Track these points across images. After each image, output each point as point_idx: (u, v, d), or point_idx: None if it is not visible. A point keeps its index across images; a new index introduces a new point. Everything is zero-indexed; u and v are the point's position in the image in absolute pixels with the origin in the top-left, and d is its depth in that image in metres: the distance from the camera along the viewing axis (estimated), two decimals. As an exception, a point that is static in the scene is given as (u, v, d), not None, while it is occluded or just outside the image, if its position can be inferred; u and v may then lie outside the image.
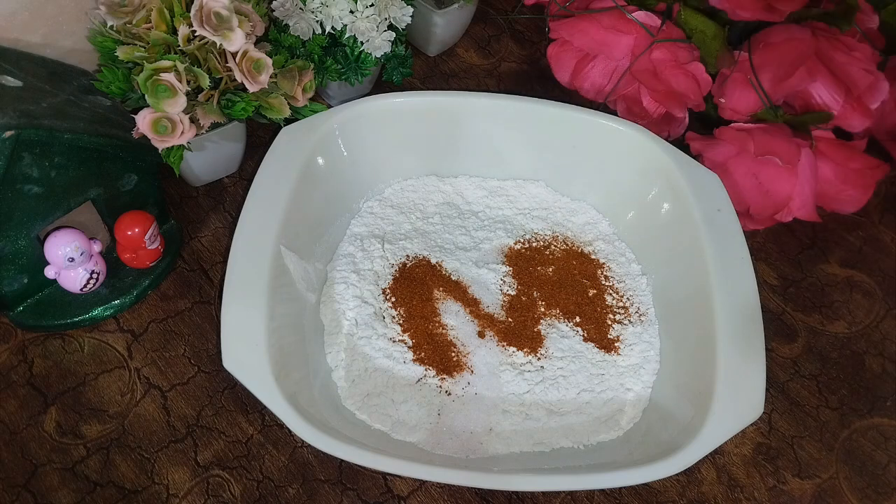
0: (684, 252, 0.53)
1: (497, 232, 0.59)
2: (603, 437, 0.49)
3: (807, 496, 0.51)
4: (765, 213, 0.59)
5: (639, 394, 0.51)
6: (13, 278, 0.51)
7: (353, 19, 0.58)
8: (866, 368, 0.58)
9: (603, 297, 0.56)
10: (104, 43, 0.50)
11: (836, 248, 0.64)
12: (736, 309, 0.48)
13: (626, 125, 0.57)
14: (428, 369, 0.51)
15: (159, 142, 0.50)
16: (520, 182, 0.62)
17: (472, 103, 0.58)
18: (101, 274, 0.53)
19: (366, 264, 0.56)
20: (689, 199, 0.53)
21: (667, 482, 0.51)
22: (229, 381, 0.52)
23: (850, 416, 0.55)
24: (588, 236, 0.60)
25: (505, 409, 0.50)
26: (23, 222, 0.48)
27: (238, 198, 0.61)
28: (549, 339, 0.53)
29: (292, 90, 0.54)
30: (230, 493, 0.48)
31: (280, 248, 0.49)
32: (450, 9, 0.68)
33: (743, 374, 0.46)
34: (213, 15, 0.48)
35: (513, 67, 0.73)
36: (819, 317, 0.60)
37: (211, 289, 0.56)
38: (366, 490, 0.49)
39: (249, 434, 0.50)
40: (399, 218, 0.59)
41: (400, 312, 0.54)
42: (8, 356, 0.52)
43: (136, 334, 0.54)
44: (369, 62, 0.60)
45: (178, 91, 0.48)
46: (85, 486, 0.48)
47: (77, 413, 0.50)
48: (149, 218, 0.53)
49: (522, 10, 0.77)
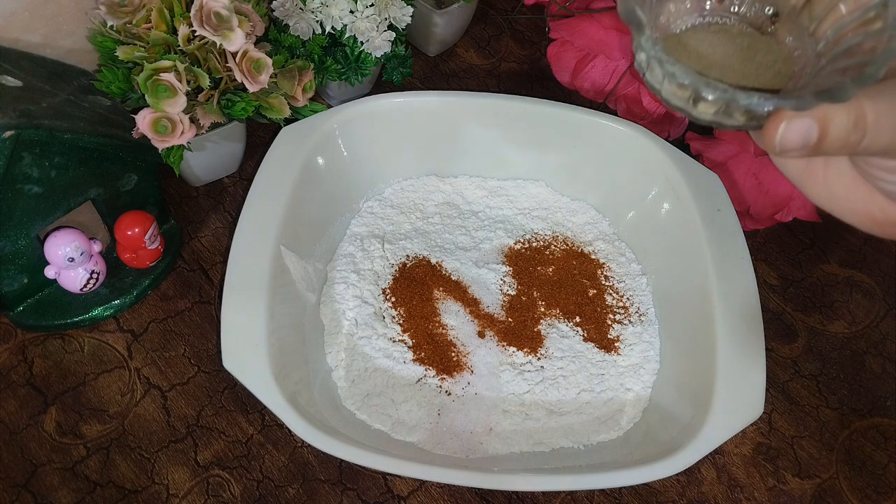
0: (684, 252, 0.53)
1: (497, 232, 0.59)
2: (603, 437, 0.49)
3: (807, 496, 0.51)
4: (765, 213, 0.59)
5: (639, 394, 0.51)
6: (13, 278, 0.51)
7: (353, 19, 0.58)
8: (866, 368, 0.58)
9: (603, 297, 0.56)
10: (104, 43, 0.50)
11: (836, 248, 0.64)
12: (736, 309, 0.48)
13: (626, 125, 0.57)
14: (428, 369, 0.51)
15: (159, 142, 0.50)
16: (520, 182, 0.62)
17: (472, 103, 0.58)
18: (101, 274, 0.53)
19: (366, 264, 0.56)
20: (689, 199, 0.53)
21: (667, 482, 0.51)
22: (229, 381, 0.52)
23: (850, 416, 0.55)
24: (588, 236, 0.60)
25: (505, 409, 0.50)
26: (23, 222, 0.48)
27: (238, 198, 0.61)
28: (549, 339, 0.53)
29: (292, 90, 0.54)
30: (230, 493, 0.48)
31: (280, 248, 0.49)
32: (450, 9, 0.67)
33: (743, 373, 0.46)
34: (213, 15, 0.48)
35: (513, 67, 0.73)
36: (819, 317, 0.60)
37: (211, 289, 0.56)
38: (366, 490, 0.49)
39: (249, 434, 0.50)
40: (399, 218, 0.59)
41: (400, 312, 0.54)
42: (8, 356, 0.52)
43: (136, 334, 0.54)
44: (369, 62, 0.60)
45: (178, 91, 0.48)
46: (85, 486, 0.48)
47: (77, 413, 0.50)
48: (149, 218, 0.53)
49: (522, 10, 0.77)
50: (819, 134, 0.24)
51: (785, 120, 0.24)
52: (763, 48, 0.28)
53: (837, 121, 0.24)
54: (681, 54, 0.27)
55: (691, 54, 0.27)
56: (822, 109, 0.24)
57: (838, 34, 0.26)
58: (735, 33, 0.28)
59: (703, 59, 0.27)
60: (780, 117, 0.24)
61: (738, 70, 0.27)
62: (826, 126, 0.24)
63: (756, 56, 0.28)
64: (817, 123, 0.24)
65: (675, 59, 0.26)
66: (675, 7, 0.28)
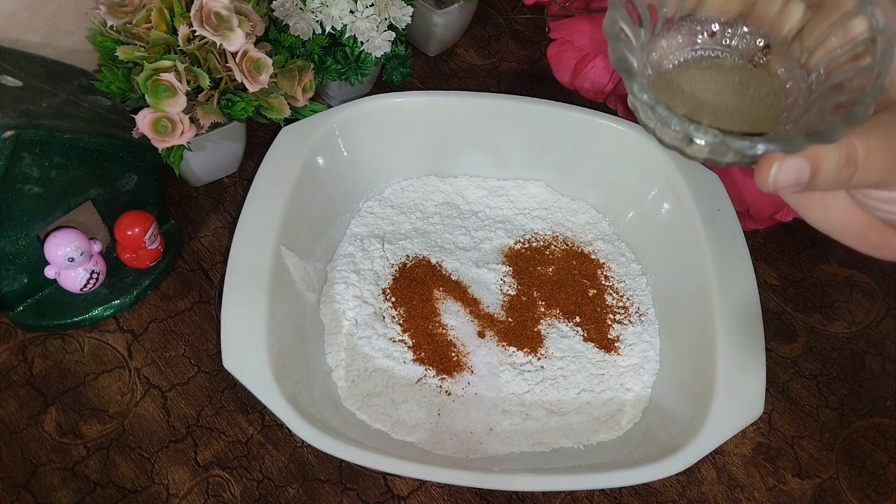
0: (684, 252, 0.53)
1: (497, 232, 0.59)
2: (603, 437, 0.49)
3: (807, 496, 0.51)
4: (765, 213, 0.59)
5: (639, 394, 0.51)
6: (13, 278, 0.51)
7: (353, 19, 0.58)
8: (866, 368, 0.58)
9: (603, 296, 0.56)
10: (104, 43, 0.50)
11: (836, 248, 0.64)
12: (736, 309, 0.48)
13: (626, 125, 0.57)
14: (428, 369, 0.51)
15: (159, 142, 0.50)
16: (520, 182, 0.62)
17: (472, 103, 0.58)
18: (101, 274, 0.53)
19: (366, 264, 0.56)
20: (689, 199, 0.53)
21: (667, 482, 0.51)
22: (229, 381, 0.52)
23: (850, 415, 0.55)
24: (588, 236, 0.60)
25: (505, 409, 0.50)
26: (23, 222, 0.48)
27: (238, 198, 0.61)
28: (549, 339, 0.53)
29: (292, 90, 0.54)
30: (230, 493, 0.48)
31: (280, 248, 0.49)
32: (450, 9, 0.67)
33: (743, 374, 0.46)
34: (213, 15, 0.48)
35: (513, 67, 0.73)
36: (819, 317, 0.60)
37: (211, 289, 0.56)
38: (366, 490, 0.49)
39: (249, 434, 0.50)
40: (399, 218, 0.59)
41: (400, 312, 0.54)
42: (8, 356, 0.52)
43: (136, 334, 0.54)
44: (369, 62, 0.60)
45: (178, 91, 0.48)
46: (85, 486, 0.48)
47: (77, 413, 0.50)
48: (149, 218, 0.53)
49: (522, 10, 0.77)
50: (811, 172, 0.25)
51: (777, 161, 0.25)
52: (755, 82, 0.28)
53: (828, 159, 0.24)
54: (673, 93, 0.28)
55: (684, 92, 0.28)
56: (813, 148, 0.24)
57: (829, 66, 0.26)
58: (727, 68, 0.29)
59: (696, 96, 0.28)
60: (772, 158, 0.25)
61: (730, 105, 0.27)
62: (817, 165, 0.25)
63: (748, 90, 0.28)
64: (809, 163, 0.25)
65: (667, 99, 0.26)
66: (667, 43, 0.29)
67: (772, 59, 0.28)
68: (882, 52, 0.24)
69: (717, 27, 0.29)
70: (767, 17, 0.28)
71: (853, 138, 0.24)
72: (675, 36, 0.29)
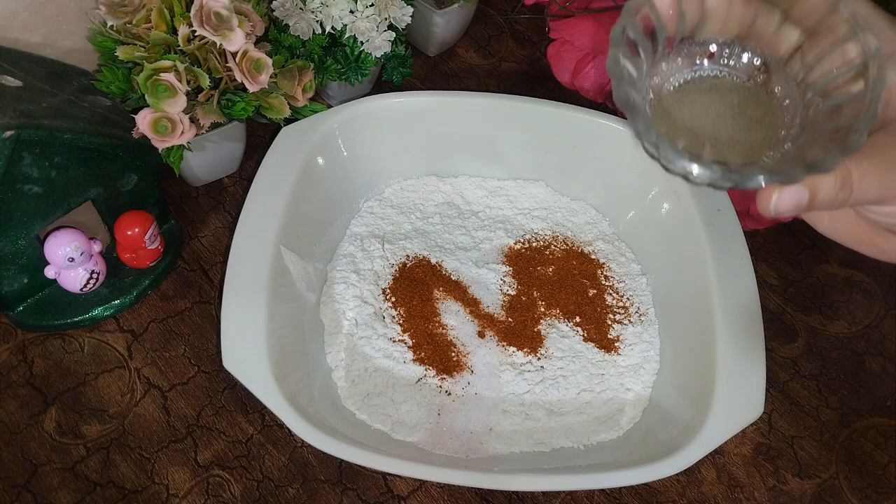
0: (684, 252, 0.53)
1: (497, 232, 0.59)
2: (603, 437, 0.49)
3: (807, 496, 0.51)
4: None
5: (639, 394, 0.51)
6: (13, 278, 0.51)
7: (353, 19, 0.58)
8: (866, 368, 0.58)
9: (603, 296, 0.56)
10: (104, 43, 0.50)
11: (836, 248, 0.64)
12: (736, 309, 0.48)
13: (626, 125, 0.57)
14: (428, 369, 0.51)
15: (159, 142, 0.50)
16: (520, 182, 0.62)
17: (472, 103, 0.58)
18: (101, 274, 0.53)
19: (366, 264, 0.56)
20: (689, 199, 0.53)
21: (667, 482, 0.51)
22: (229, 381, 0.52)
23: (850, 416, 0.55)
24: (588, 236, 0.60)
25: (505, 409, 0.50)
26: (23, 222, 0.48)
27: (238, 198, 0.61)
28: (549, 339, 0.53)
29: (292, 90, 0.54)
30: (230, 493, 0.48)
31: (280, 248, 0.49)
32: (450, 9, 0.67)
33: (743, 374, 0.46)
34: (213, 15, 0.48)
35: (513, 67, 0.73)
36: (819, 317, 0.60)
37: (211, 289, 0.56)
38: (366, 490, 0.49)
39: (249, 434, 0.50)
40: (399, 218, 0.59)
41: (400, 312, 0.54)
42: (8, 356, 0.52)
43: (136, 334, 0.54)
44: (369, 62, 0.60)
45: (178, 91, 0.48)
46: (85, 486, 0.48)
47: (77, 413, 0.50)
48: (149, 218, 0.53)
49: (522, 10, 0.77)
50: (809, 197, 0.26)
51: (777, 189, 0.26)
52: (753, 103, 0.29)
53: (825, 184, 0.26)
54: (674, 122, 0.29)
55: (685, 118, 0.29)
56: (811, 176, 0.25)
57: (826, 87, 0.27)
58: (726, 90, 0.30)
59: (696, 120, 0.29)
60: (772, 187, 0.26)
61: (730, 129, 0.29)
62: (815, 190, 0.26)
63: (747, 111, 0.29)
64: (807, 189, 0.26)
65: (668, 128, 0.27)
66: (668, 66, 0.30)
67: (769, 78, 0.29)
68: (874, 79, 0.25)
69: (716, 48, 0.30)
70: (764, 38, 0.29)
71: (848, 161, 0.26)
72: (674, 58, 0.30)
